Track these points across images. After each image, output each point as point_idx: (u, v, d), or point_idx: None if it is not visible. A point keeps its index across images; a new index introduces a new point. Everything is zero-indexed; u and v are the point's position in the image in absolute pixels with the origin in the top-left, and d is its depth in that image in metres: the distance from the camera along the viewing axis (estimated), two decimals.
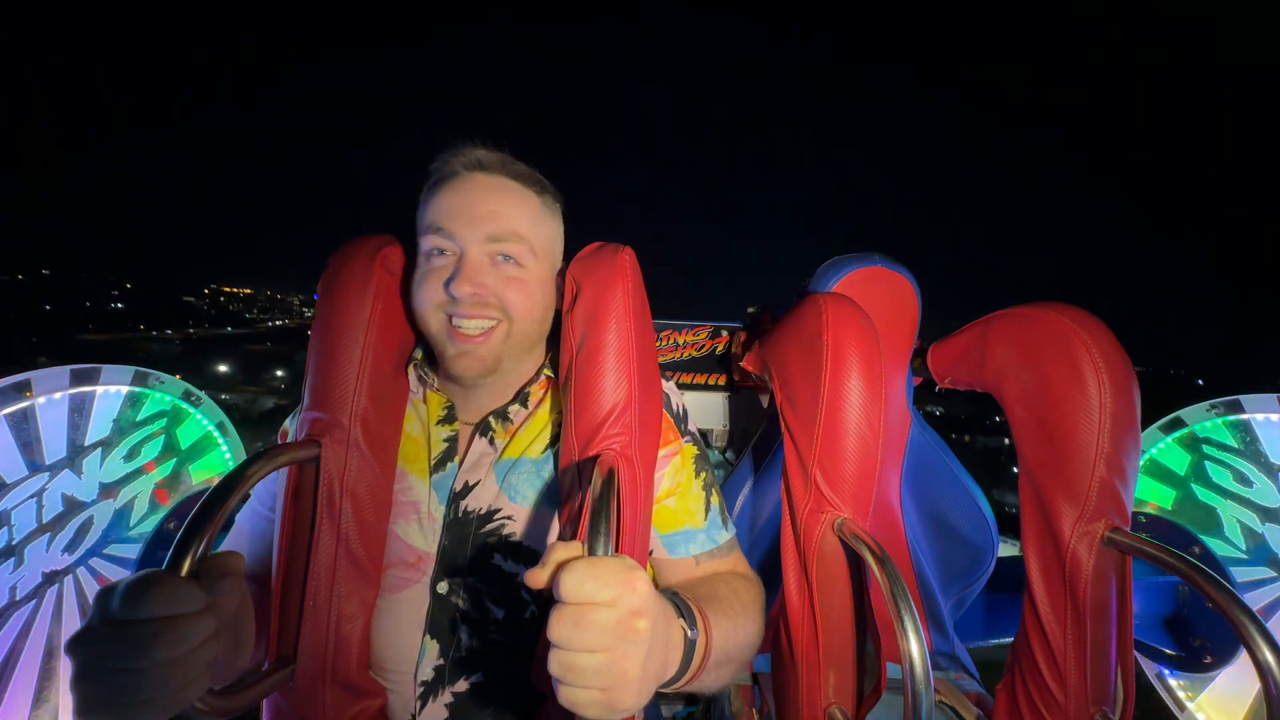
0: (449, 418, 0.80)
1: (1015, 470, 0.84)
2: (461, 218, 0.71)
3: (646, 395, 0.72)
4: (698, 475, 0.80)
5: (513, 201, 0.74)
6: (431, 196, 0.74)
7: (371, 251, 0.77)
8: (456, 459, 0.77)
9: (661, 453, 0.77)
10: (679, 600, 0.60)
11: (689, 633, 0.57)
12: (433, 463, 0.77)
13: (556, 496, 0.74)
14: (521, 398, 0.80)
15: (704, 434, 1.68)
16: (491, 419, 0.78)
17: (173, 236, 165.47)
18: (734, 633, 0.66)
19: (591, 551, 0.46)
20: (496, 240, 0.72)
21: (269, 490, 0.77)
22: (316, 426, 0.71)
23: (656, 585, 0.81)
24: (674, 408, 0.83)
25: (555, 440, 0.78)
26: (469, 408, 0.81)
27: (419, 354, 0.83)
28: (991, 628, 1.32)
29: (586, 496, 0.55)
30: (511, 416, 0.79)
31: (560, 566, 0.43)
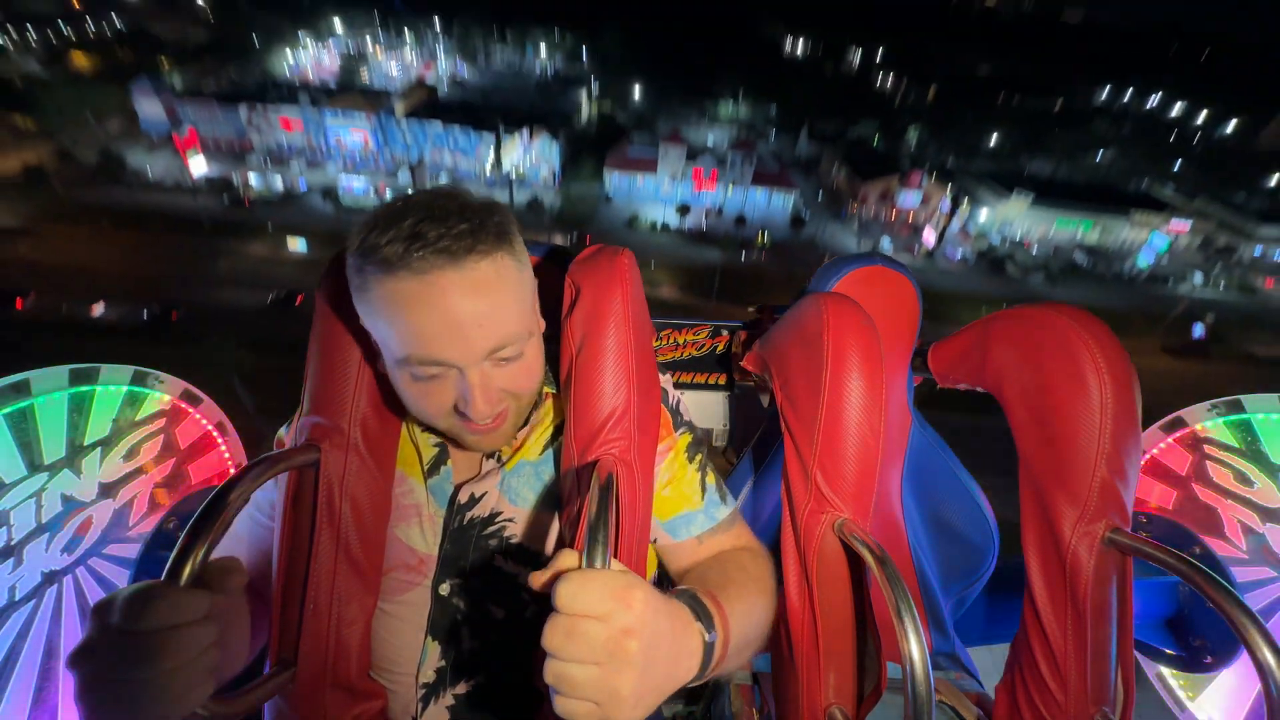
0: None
1: None
2: (451, 342, 0.58)
3: (646, 399, 0.72)
4: (691, 460, 0.80)
5: (496, 294, 0.60)
6: (391, 310, 0.58)
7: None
8: (450, 462, 0.77)
9: (658, 449, 0.77)
10: (696, 602, 0.58)
11: (707, 636, 0.55)
12: (426, 468, 0.77)
13: (556, 498, 0.74)
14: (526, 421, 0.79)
15: (704, 434, 1.67)
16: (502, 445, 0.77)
17: None
18: (749, 615, 0.65)
19: (589, 560, 0.45)
20: (496, 350, 0.62)
21: (268, 499, 0.77)
22: (316, 431, 0.71)
23: (665, 574, 0.80)
24: (670, 402, 0.82)
25: (553, 441, 0.77)
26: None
27: None
28: (991, 628, 1.32)
29: (586, 501, 0.55)
30: (516, 435, 0.78)
31: (560, 573, 0.43)
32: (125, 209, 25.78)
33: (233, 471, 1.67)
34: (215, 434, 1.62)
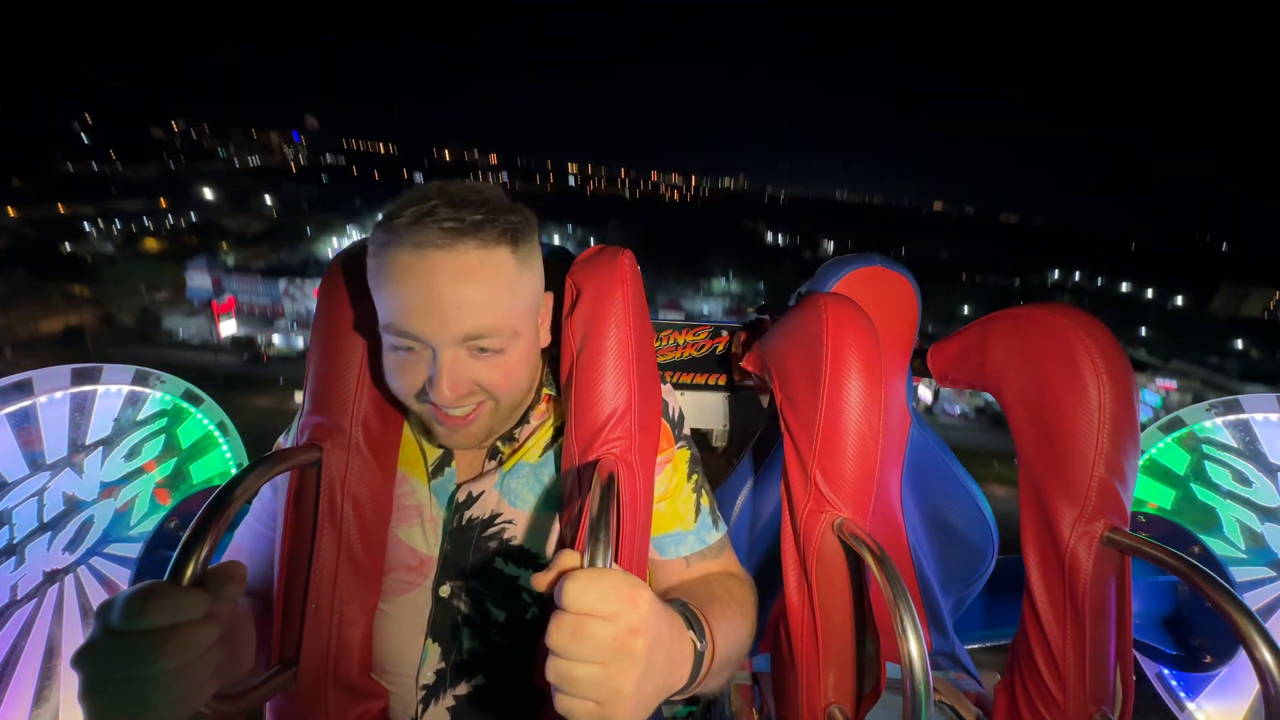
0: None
1: None
2: (427, 317, 0.59)
3: (646, 399, 0.72)
4: (689, 478, 0.80)
5: (484, 283, 0.60)
6: (385, 277, 0.60)
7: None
8: (454, 464, 0.77)
9: (657, 460, 0.77)
10: (689, 611, 0.60)
11: (698, 645, 0.57)
12: (430, 469, 0.77)
13: (556, 500, 0.74)
14: (524, 420, 0.79)
15: (704, 434, 1.68)
16: (499, 443, 0.78)
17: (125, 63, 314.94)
18: (733, 634, 0.66)
19: (591, 559, 0.46)
20: (472, 338, 0.61)
21: (268, 510, 0.77)
22: (318, 431, 0.71)
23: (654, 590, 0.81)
24: (671, 413, 0.82)
25: (553, 443, 0.78)
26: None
27: None
28: (991, 628, 1.33)
29: (587, 502, 0.55)
30: (516, 435, 0.78)
31: (565, 573, 0.43)
32: (143, 362, 25.88)
33: (234, 471, 1.67)
34: (217, 433, 1.62)
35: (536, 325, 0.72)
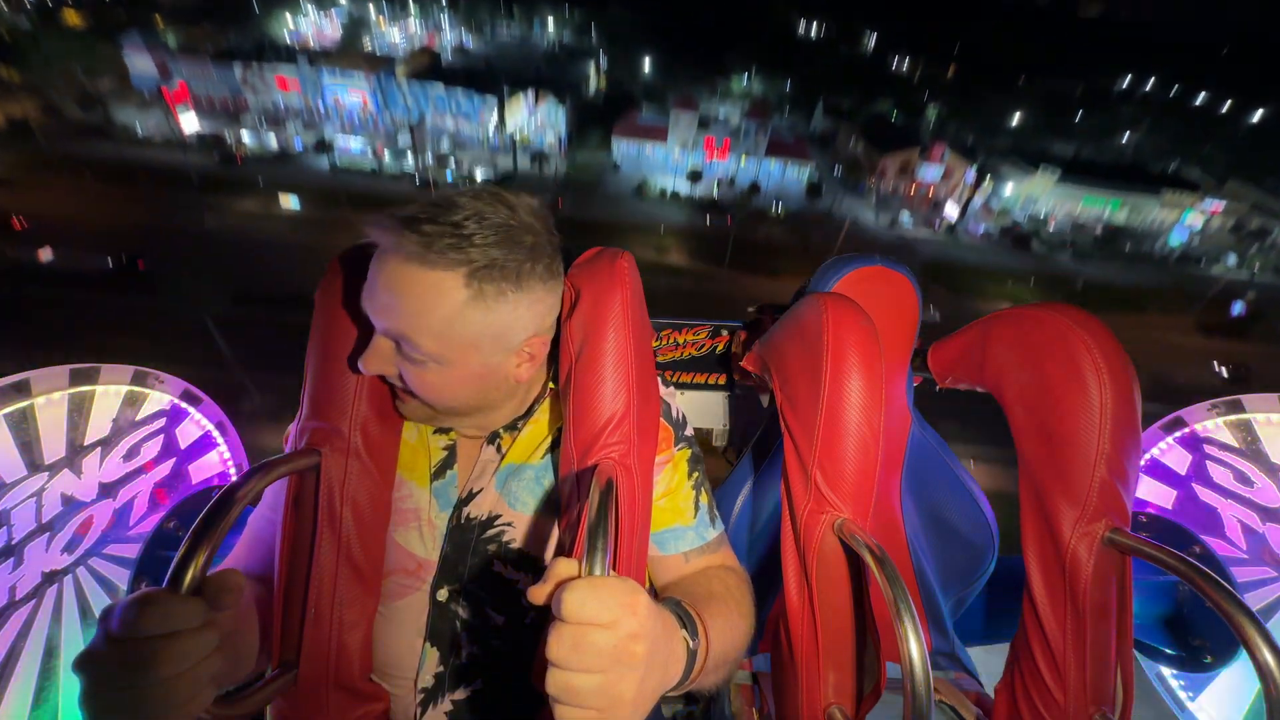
0: (446, 428, 0.80)
1: None
2: (368, 299, 0.63)
3: (645, 403, 0.72)
4: (689, 476, 0.80)
5: (415, 299, 0.60)
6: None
7: (369, 259, 0.77)
8: (456, 467, 0.77)
9: (656, 461, 0.77)
10: (681, 610, 0.60)
11: (691, 643, 0.57)
12: (433, 471, 0.77)
13: (556, 504, 0.74)
14: (528, 414, 0.79)
15: (704, 434, 1.68)
16: (502, 430, 0.78)
17: None
18: (729, 632, 0.66)
19: (589, 565, 0.45)
20: (392, 333, 0.63)
21: (280, 495, 0.77)
22: (316, 435, 0.71)
23: (652, 586, 0.81)
24: (673, 415, 0.82)
25: (555, 447, 0.77)
26: (475, 428, 0.79)
27: None
28: (991, 628, 1.32)
29: (585, 506, 0.55)
30: (519, 426, 0.79)
31: (561, 584, 0.43)
32: (111, 162, 24.94)
33: (233, 472, 1.67)
34: (215, 434, 1.62)
35: (490, 358, 0.67)
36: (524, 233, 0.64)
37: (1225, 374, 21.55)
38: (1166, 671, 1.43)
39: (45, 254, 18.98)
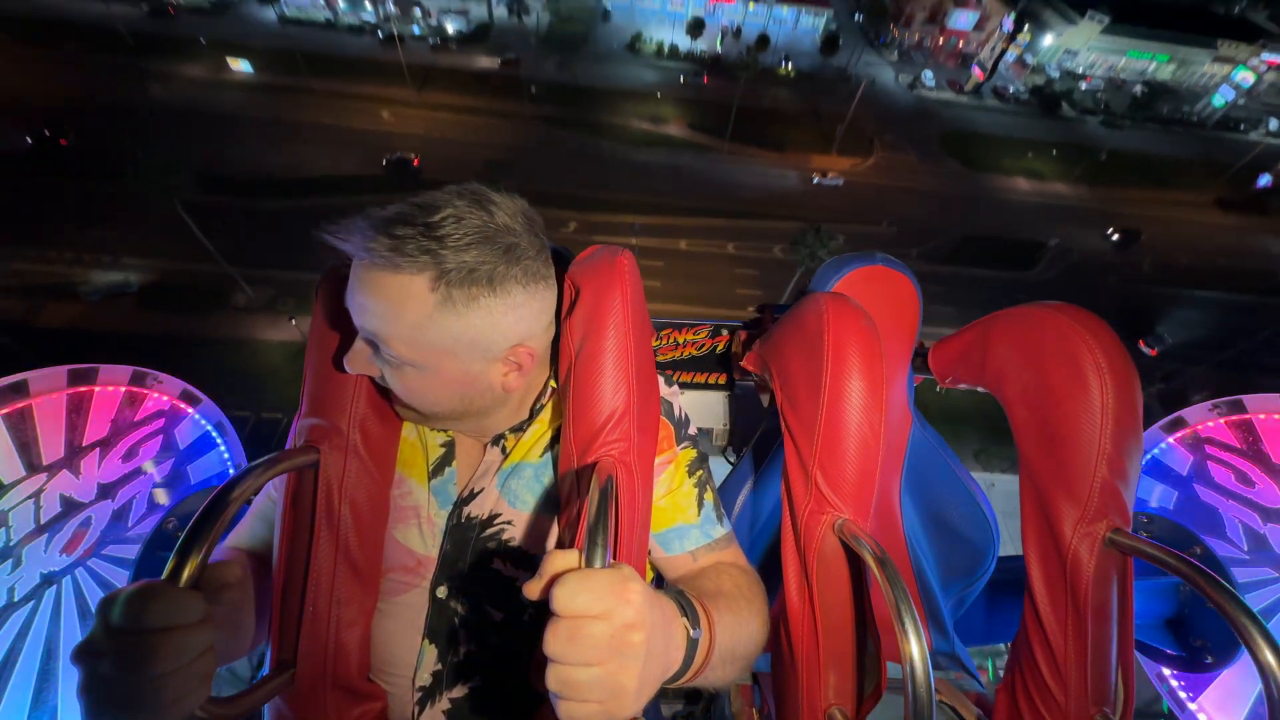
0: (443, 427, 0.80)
1: None
2: (348, 299, 0.63)
3: (645, 401, 0.72)
4: (691, 475, 0.80)
5: (385, 301, 0.59)
6: None
7: None
8: (455, 464, 0.77)
9: (657, 460, 0.77)
10: (683, 599, 0.60)
11: (691, 632, 0.57)
12: (431, 468, 0.77)
13: (556, 502, 0.74)
14: (534, 414, 0.79)
15: (704, 434, 1.67)
16: (508, 432, 0.78)
17: None
18: (738, 628, 0.66)
19: (589, 561, 0.45)
20: (366, 333, 0.63)
21: (281, 482, 0.77)
22: (315, 433, 0.70)
23: (660, 584, 0.80)
24: (675, 414, 0.82)
25: (555, 445, 0.77)
26: (474, 431, 0.79)
27: None
28: (991, 628, 1.32)
29: (585, 503, 0.55)
30: (524, 427, 0.78)
31: (555, 578, 0.43)
32: (23, 16, 21.17)
33: (232, 471, 1.67)
34: (214, 434, 1.62)
35: (474, 369, 0.66)
36: (502, 235, 0.62)
37: (1115, 238, 20.85)
38: (1167, 671, 1.43)
39: None
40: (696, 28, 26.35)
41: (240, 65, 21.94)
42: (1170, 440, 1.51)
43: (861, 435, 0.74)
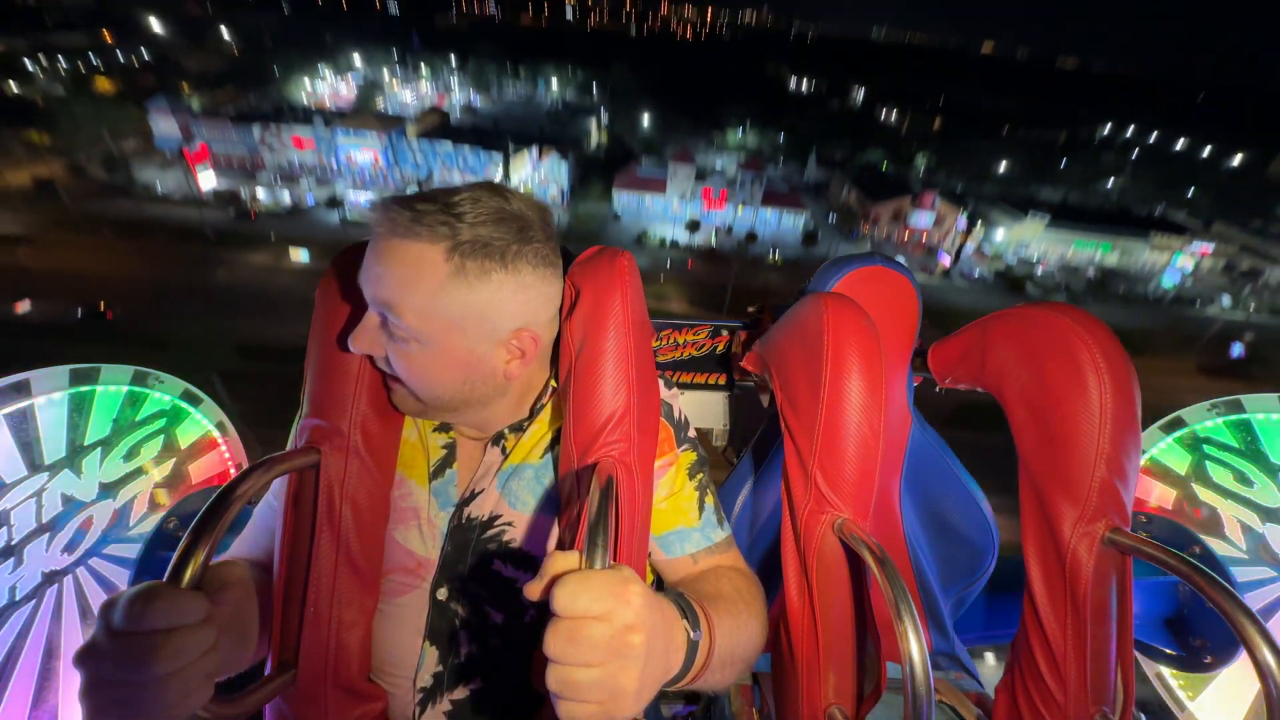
0: (444, 427, 0.80)
1: None
2: (362, 274, 0.65)
3: (645, 402, 0.72)
4: (691, 478, 0.80)
5: (399, 268, 0.61)
6: None
7: None
8: (455, 465, 0.77)
9: (658, 463, 0.77)
10: (683, 601, 0.60)
11: (691, 634, 0.57)
12: (431, 469, 0.77)
13: (556, 503, 0.74)
14: (535, 412, 0.79)
15: (704, 434, 1.67)
16: (506, 430, 0.78)
17: None
18: (737, 631, 0.66)
19: (589, 562, 0.45)
20: (378, 304, 0.64)
21: (282, 488, 0.77)
22: (316, 434, 0.71)
23: (660, 586, 0.81)
24: (675, 416, 0.82)
25: (555, 446, 0.77)
26: (472, 427, 0.79)
27: None
28: (991, 628, 1.32)
29: (585, 504, 0.55)
30: (524, 426, 0.79)
31: (556, 579, 0.43)
32: (129, 219, 26.12)
33: (233, 472, 1.67)
34: (215, 434, 1.62)
35: (475, 341, 0.66)
36: (516, 218, 0.65)
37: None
38: (1166, 671, 1.43)
39: (23, 306, 19.33)
40: (694, 226, 32.24)
41: (299, 255, 26.09)
42: (1169, 440, 1.51)
43: (861, 435, 0.74)
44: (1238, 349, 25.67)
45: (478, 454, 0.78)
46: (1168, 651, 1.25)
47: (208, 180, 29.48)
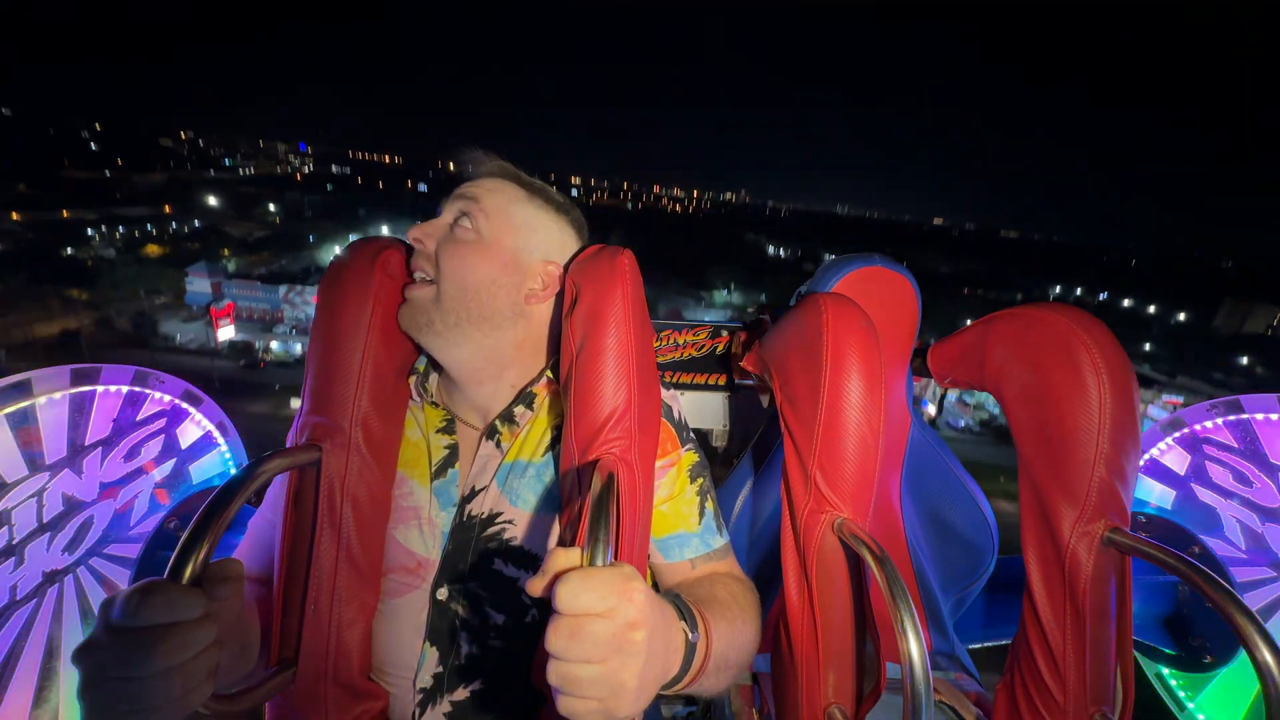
0: (448, 428, 0.80)
1: None
2: (455, 195, 0.81)
3: (646, 399, 0.72)
4: (693, 481, 0.80)
5: (489, 181, 0.81)
6: None
7: (372, 254, 0.77)
8: (457, 465, 0.77)
9: (660, 463, 0.77)
10: (681, 603, 0.60)
11: (690, 636, 0.57)
12: (433, 469, 0.77)
13: (557, 500, 0.74)
14: (525, 399, 0.79)
15: (704, 434, 1.67)
16: (498, 422, 0.78)
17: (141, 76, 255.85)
18: (733, 636, 0.66)
19: (591, 559, 0.46)
20: (461, 198, 0.79)
21: (280, 496, 0.77)
22: (317, 431, 0.71)
23: (656, 589, 0.81)
24: (675, 416, 0.82)
25: (556, 443, 0.77)
26: (467, 408, 0.81)
27: (421, 365, 0.83)
28: (991, 628, 1.32)
29: (586, 501, 0.55)
30: (517, 419, 0.79)
31: (558, 576, 0.43)
32: (136, 365, 26.14)
33: (234, 472, 1.67)
34: (217, 434, 1.62)
35: (519, 254, 0.79)
36: (564, 198, 0.86)
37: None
38: (1166, 671, 1.43)
39: None
40: None
41: (297, 403, 25.87)
42: (1169, 440, 1.51)
43: (860, 435, 0.74)
44: None
45: (475, 449, 0.79)
46: (1168, 651, 1.25)
47: (226, 333, 30.20)
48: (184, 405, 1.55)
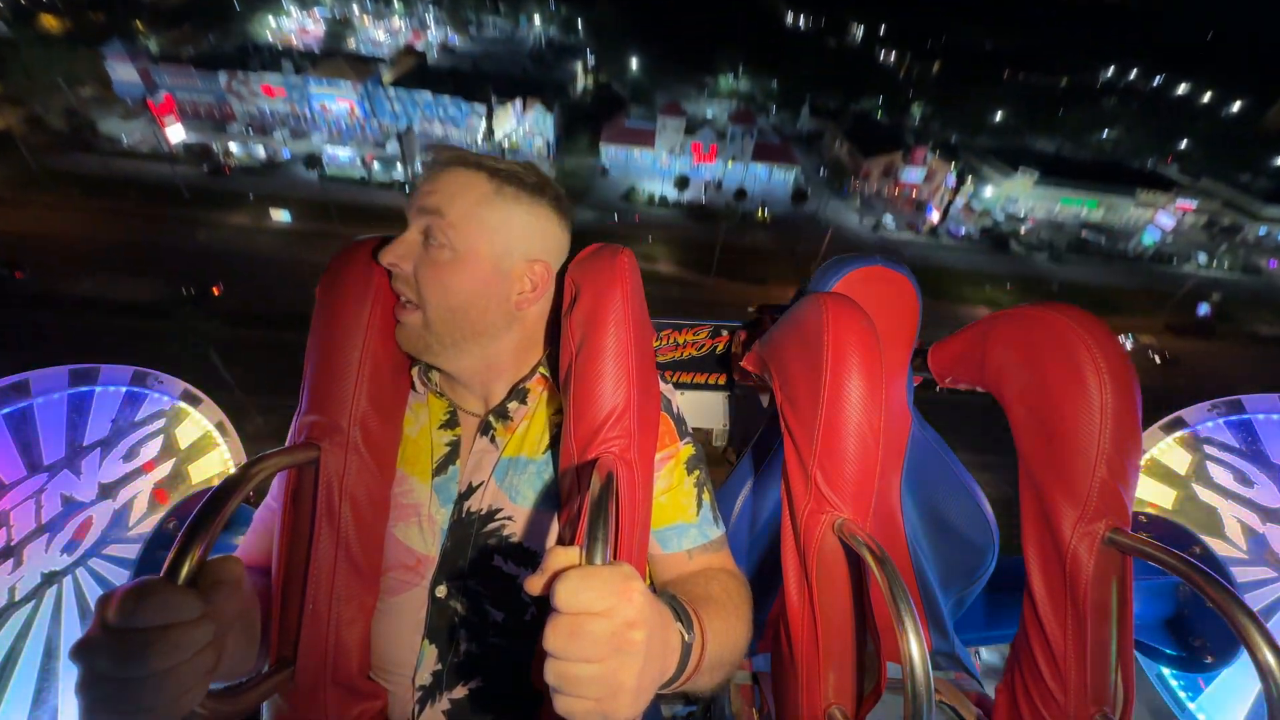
0: (451, 423, 0.80)
1: None
2: (411, 202, 0.75)
3: (645, 398, 0.72)
4: (690, 473, 0.80)
5: (450, 182, 0.73)
6: None
7: (371, 253, 0.77)
8: (458, 463, 0.77)
9: (658, 455, 0.77)
10: (676, 604, 0.60)
11: (686, 637, 0.57)
12: (434, 466, 0.77)
13: (557, 498, 0.74)
14: (518, 394, 0.79)
15: (704, 434, 1.67)
16: (491, 418, 0.78)
17: None
18: (727, 634, 0.66)
19: (590, 558, 0.45)
20: (424, 213, 0.72)
21: (282, 487, 0.77)
22: (315, 429, 0.71)
23: (653, 583, 0.81)
24: (674, 410, 0.83)
25: (556, 441, 0.77)
26: (469, 399, 0.81)
27: None
28: (991, 628, 1.32)
29: (585, 500, 0.55)
30: (511, 414, 0.79)
31: (557, 574, 0.43)
32: (96, 176, 24.73)
33: (232, 471, 1.67)
34: (215, 434, 1.62)
35: (500, 260, 0.74)
36: (535, 173, 0.78)
37: (1158, 360, 22.80)
38: (1166, 671, 1.43)
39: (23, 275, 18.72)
40: (683, 182, 31.19)
41: (281, 215, 25.08)
42: (1169, 440, 1.51)
43: (861, 435, 0.74)
44: (1204, 308, 25.92)
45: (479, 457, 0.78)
46: (1168, 651, 1.25)
47: (176, 133, 27.22)
48: (183, 405, 1.55)
